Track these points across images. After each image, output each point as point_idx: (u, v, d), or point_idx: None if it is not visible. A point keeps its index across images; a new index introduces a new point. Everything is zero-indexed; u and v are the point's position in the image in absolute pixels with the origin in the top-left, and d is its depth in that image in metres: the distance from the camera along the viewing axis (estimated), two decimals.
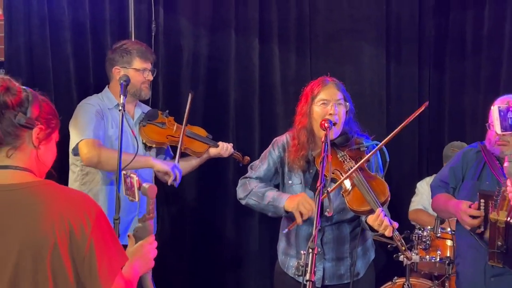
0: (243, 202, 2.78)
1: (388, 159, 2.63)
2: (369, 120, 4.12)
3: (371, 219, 2.47)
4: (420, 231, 3.47)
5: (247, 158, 3.37)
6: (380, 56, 4.20)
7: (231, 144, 3.31)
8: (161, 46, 3.75)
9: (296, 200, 2.55)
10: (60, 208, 1.56)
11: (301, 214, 2.53)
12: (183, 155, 3.16)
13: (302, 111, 2.72)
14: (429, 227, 3.50)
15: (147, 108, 3.25)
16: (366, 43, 4.16)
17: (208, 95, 3.92)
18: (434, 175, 4.15)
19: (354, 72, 4.18)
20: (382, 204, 2.49)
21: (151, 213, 1.81)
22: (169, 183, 2.98)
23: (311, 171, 2.73)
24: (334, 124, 2.60)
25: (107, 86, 3.13)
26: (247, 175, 2.83)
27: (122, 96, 2.69)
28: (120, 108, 2.60)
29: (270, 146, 2.84)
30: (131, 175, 1.83)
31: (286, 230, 2.64)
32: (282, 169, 2.79)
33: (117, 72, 3.06)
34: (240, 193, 2.78)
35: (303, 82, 2.81)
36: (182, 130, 3.10)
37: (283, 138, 2.82)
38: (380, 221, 2.42)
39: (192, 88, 3.82)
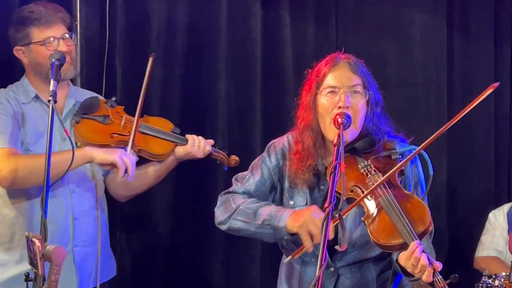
0: (224, 226, 2.76)
1: (431, 172, 2.60)
2: (422, 119, 4.15)
3: (403, 257, 2.43)
4: (489, 280, 3.42)
5: (235, 158, 3.35)
6: (438, 27, 4.17)
7: (211, 141, 3.29)
8: (119, 14, 3.77)
9: (303, 216, 2.54)
10: None
11: (311, 236, 2.51)
12: (139, 162, 3.16)
13: (304, 102, 2.72)
14: (503, 273, 3.45)
15: (86, 95, 3.25)
16: (418, 9, 4.15)
17: (188, 82, 3.91)
18: None
19: (401, 51, 4.15)
20: (420, 236, 2.45)
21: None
22: (120, 179, 3.00)
23: (321, 187, 2.72)
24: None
25: (25, 73, 3.17)
26: (230, 189, 2.82)
27: (52, 82, 2.72)
28: (50, 98, 2.62)
29: (264, 151, 2.84)
30: (33, 239, 1.83)
31: (289, 258, 2.63)
32: (281, 184, 2.78)
33: (21, 54, 3.11)
34: (220, 214, 2.77)
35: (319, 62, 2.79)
36: (135, 123, 3.09)
37: (283, 141, 2.82)
38: (415, 259, 2.38)
39: (166, 73, 3.87)
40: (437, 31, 4.17)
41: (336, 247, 2.53)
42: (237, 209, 2.72)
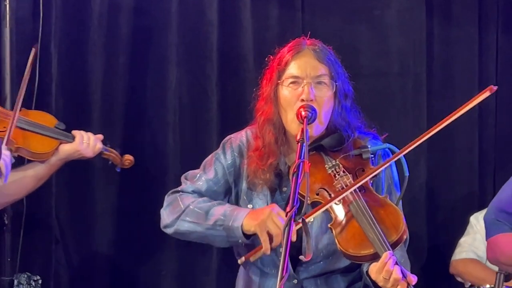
0: (170, 229, 2.74)
1: (407, 173, 2.60)
2: (398, 113, 4.19)
3: (374, 270, 2.44)
4: None
5: (129, 158, 3.34)
6: (417, 11, 4.20)
7: (100, 136, 3.24)
8: None
9: (262, 214, 2.54)
10: None
11: (270, 237, 2.50)
12: (17, 162, 3.10)
13: (265, 94, 2.71)
14: (487, 286, 3.49)
15: None
16: None
17: (134, 71, 3.90)
18: None
19: (375, 37, 4.18)
20: (393, 246, 2.46)
21: None
22: None
23: (284, 188, 2.71)
24: None
25: None
26: (178, 188, 2.80)
27: None
28: None
29: (219, 147, 2.83)
30: None
31: (242, 259, 2.61)
32: (237, 186, 2.77)
33: None
34: (167, 216, 2.74)
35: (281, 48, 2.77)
36: (13, 117, 3.03)
37: (240, 137, 2.82)
38: (387, 272, 2.38)
39: (108, 61, 3.83)
40: (415, 15, 4.20)
41: (301, 257, 2.52)
42: (186, 209, 2.69)
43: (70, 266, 3.84)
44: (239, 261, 2.66)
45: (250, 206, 2.72)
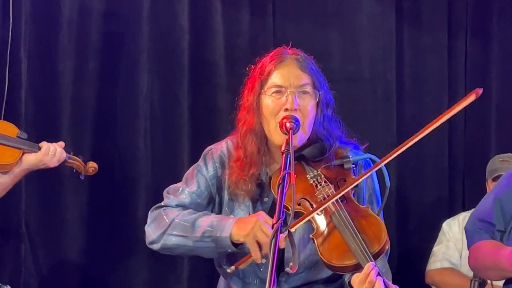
0: (157, 245, 2.72)
1: (389, 183, 2.63)
2: (368, 118, 4.23)
3: (356, 281, 2.46)
4: None
5: (93, 165, 3.33)
6: (387, 17, 4.25)
7: (61, 143, 3.22)
8: None
9: (250, 224, 2.54)
10: None
11: (260, 245, 2.51)
12: None
13: (246, 103, 2.71)
14: None
15: None
16: None
17: (104, 77, 3.89)
18: (472, 211, 4.20)
19: (346, 43, 4.22)
20: (376, 256, 2.49)
21: None
22: None
23: (265, 199, 2.72)
24: None
25: None
26: (162, 203, 2.79)
27: None
28: None
29: (200, 159, 2.83)
30: None
31: (232, 268, 2.60)
32: (220, 196, 2.77)
33: None
34: (152, 232, 2.72)
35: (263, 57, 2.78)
36: None
37: (221, 148, 2.81)
38: (370, 284, 2.41)
39: (78, 66, 3.83)
40: (385, 19, 4.25)
41: (287, 269, 2.54)
42: (171, 223, 2.68)
43: (40, 275, 3.82)
44: (228, 270, 2.65)
45: (232, 216, 2.71)
